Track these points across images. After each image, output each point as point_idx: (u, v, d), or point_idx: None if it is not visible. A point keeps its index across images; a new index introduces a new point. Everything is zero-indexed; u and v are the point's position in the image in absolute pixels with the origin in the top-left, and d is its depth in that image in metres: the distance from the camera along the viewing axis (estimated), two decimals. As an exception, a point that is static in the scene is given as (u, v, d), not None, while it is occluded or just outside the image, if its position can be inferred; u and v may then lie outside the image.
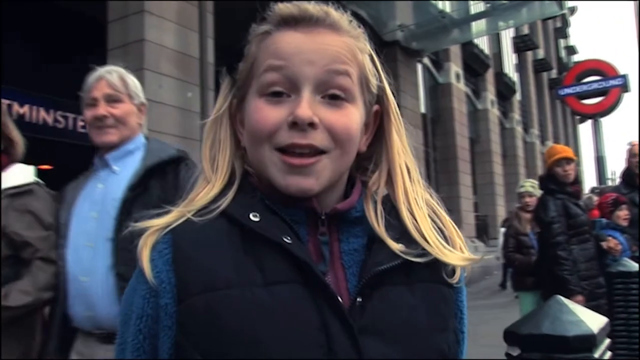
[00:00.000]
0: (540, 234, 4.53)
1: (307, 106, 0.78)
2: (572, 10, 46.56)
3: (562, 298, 1.24)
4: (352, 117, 0.82)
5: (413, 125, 14.34)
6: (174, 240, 0.80)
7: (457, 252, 0.85)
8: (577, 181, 4.49)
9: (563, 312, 1.19)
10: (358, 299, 0.78)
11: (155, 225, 0.82)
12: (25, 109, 7.97)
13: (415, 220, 0.86)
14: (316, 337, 0.74)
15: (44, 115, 8.36)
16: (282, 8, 0.84)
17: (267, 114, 0.80)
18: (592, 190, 8.66)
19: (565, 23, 42.56)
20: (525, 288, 5.32)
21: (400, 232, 0.84)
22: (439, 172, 16.81)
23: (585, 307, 1.31)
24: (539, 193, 5.19)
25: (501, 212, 19.76)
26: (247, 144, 0.85)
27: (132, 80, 2.23)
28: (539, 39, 31.59)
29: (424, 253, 0.83)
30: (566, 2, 22.55)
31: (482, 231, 19.37)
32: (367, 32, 0.89)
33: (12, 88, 7.80)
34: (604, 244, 4.56)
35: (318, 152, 0.80)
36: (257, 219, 0.80)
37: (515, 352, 1.20)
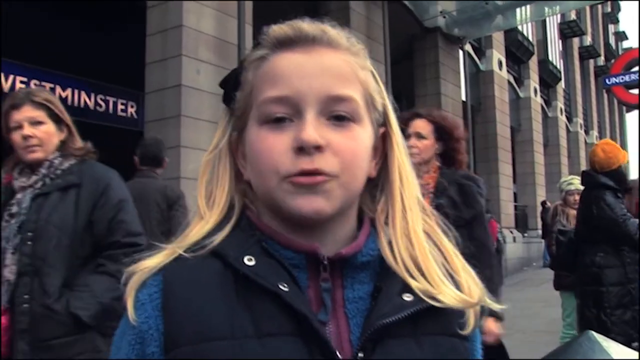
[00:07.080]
0: (595, 233, 4.11)
1: (312, 129, 0.72)
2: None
3: (594, 334, 1.15)
4: (359, 139, 0.77)
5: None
6: (165, 283, 0.75)
7: (454, 290, 0.77)
8: None
9: (595, 352, 1.10)
10: (359, 355, 0.72)
11: (145, 267, 0.76)
12: (67, 92, 8.12)
13: (417, 257, 0.79)
14: None
15: (85, 99, 8.50)
16: (276, 30, 0.78)
17: (271, 143, 0.74)
18: None
19: (616, 7, 41.14)
20: (567, 287, 5.17)
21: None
22: (478, 161, 16.52)
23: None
24: None
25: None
26: (252, 177, 0.79)
27: None
28: (586, 24, 30.62)
29: (432, 298, 0.76)
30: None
31: (521, 222, 19.04)
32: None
33: (53, 71, 7.94)
34: None
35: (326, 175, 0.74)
36: (252, 263, 0.73)
37: None
